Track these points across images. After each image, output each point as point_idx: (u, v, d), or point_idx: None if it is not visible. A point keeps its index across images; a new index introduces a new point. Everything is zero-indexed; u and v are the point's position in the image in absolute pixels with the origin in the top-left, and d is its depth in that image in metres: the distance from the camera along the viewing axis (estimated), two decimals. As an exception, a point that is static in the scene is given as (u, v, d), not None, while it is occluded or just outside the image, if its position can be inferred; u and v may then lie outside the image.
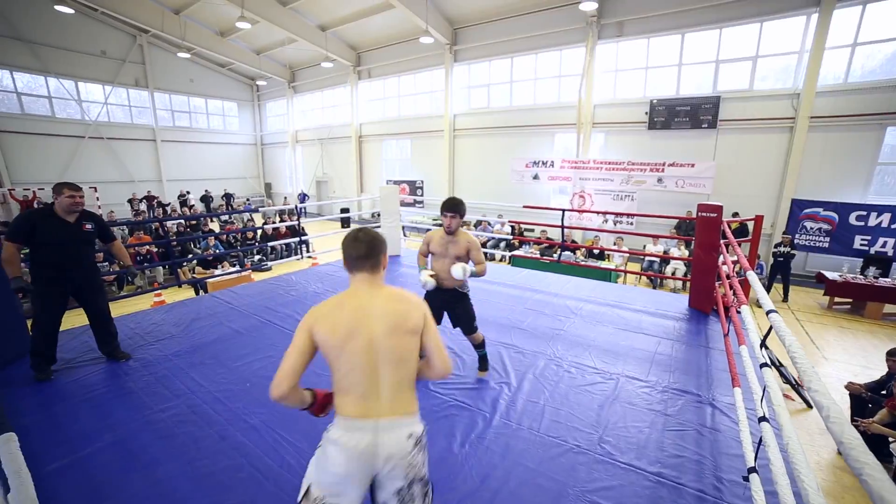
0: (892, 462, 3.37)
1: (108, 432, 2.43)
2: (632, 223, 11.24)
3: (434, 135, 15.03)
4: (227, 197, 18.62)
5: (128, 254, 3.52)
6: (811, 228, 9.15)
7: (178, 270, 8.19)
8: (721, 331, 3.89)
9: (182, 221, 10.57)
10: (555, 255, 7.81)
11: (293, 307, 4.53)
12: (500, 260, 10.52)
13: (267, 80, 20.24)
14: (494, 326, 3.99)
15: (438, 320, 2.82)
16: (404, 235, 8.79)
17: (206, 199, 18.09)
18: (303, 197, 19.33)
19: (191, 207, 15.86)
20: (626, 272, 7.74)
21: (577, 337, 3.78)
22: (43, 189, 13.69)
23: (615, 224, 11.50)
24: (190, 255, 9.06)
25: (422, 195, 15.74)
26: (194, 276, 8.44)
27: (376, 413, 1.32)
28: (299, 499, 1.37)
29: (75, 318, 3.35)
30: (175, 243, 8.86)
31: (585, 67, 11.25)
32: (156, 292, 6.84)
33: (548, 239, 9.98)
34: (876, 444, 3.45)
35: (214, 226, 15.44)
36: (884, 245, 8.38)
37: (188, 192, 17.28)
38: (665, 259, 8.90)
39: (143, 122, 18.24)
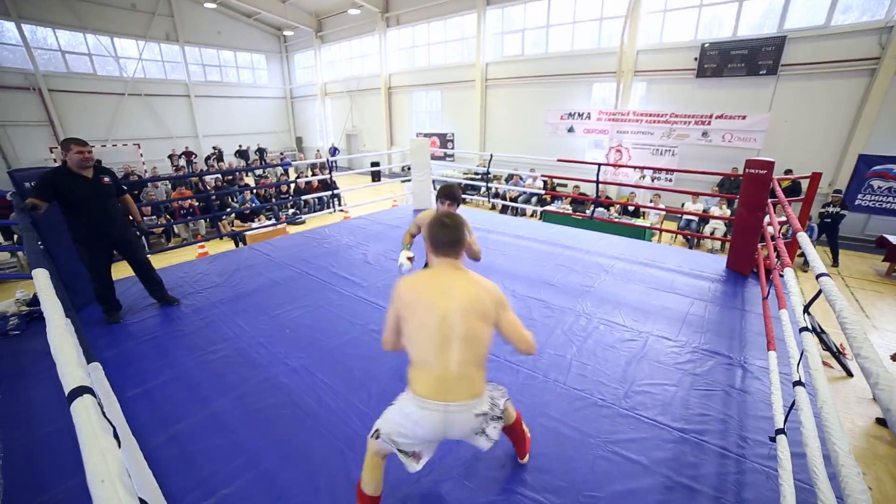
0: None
1: (168, 369, 2.69)
2: (671, 179, 10.67)
3: (465, 85, 14.43)
4: (261, 152, 18.90)
5: (137, 210, 3.54)
6: (879, 188, 8.39)
7: (219, 224, 8.58)
8: (760, 294, 3.76)
9: (219, 176, 10.90)
10: (588, 212, 7.59)
11: (326, 259, 4.69)
12: (532, 215, 10.34)
13: (294, 30, 19.73)
14: (524, 281, 4.01)
15: None
16: (434, 189, 8.73)
17: (241, 153, 18.45)
18: (333, 150, 19.34)
19: (221, 163, 16.29)
20: (661, 230, 7.46)
21: (608, 294, 3.75)
22: (94, 147, 14.32)
23: (653, 180, 10.95)
24: (228, 209, 9.42)
25: (452, 148, 15.43)
26: (233, 229, 8.82)
27: (444, 396, 1.39)
28: (369, 435, 1.54)
29: (129, 269, 3.59)
30: (214, 198, 9.21)
31: (630, 7, 10.26)
32: (199, 244, 7.22)
33: (581, 195, 9.67)
34: None
35: (250, 180, 15.86)
36: (959, 206, 7.62)
37: (217, 149, 17.63)
38: (704, 218, 8.48)
39: (177, 77, 18.38)
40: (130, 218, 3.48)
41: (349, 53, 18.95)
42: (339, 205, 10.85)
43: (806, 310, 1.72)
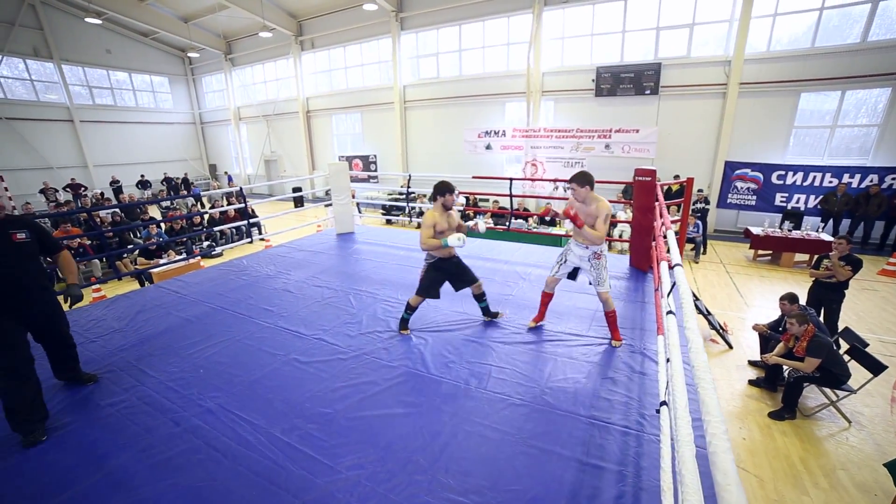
0: (783, 383, 3.98)
1: (51, 433, 2.37)
2: (582, 190, 11.67)
3: (385, 107, 14.65)
4: (168, 181, 17.36)
5: (76, 268, 2.83)
6: (741, 188, 9.95)
7: (117, 263, 7.71)
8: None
9: (116, 210, 9.83)
10: (506, 224, 8.05)
11: (244, 291, 4.45)
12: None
13: (200, 51, 18.62)
14: (447, 296, 4.13)
15: (445, 285, 3.50)
16: (359, 212, 8.69)
17: (143, 184, 16.78)
18: (229, 179, 18.79)
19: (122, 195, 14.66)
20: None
21: (525, 301, 4.01)
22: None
23: (565, 191, 11.89)
24: (130, 246, 8.52)
25: (376, 170, 15.47)
26: (136, 267, 7.97)
27: None
28: None
29: None
30: (111, 234, 8.28)
31: (533, 34, 11.26)
32: (94, 287, 6.43)
33: (501, 208, 10.21)
34: (774, 372, 4.08)
35: (156, 212, 14.47)
36: (797, 201, 9.31)
37: (115, 179, 15.90)
38: (612, 223, 9.38)
39: (54, 99, 16.10)
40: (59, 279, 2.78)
41: (263, 77, 18.32)
42: (260, 233, 10.34)
43: (667, 295, 2.02)
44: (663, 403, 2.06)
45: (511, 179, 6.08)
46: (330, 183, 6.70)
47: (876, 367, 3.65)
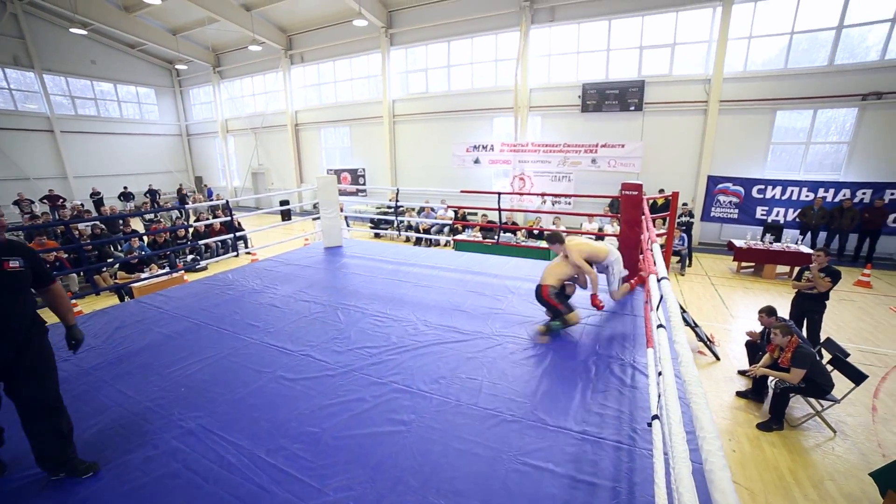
0: (768, 393, 4.07)
1: (15, 467, 2.24)
2: (569, 203, 11.84)
3: (373, 121, 14.73)
4: (153, 194, 17.05)
5: (70, 305, 2.35)
6: (724, 202, 10.20)
7: (96, 277, 7.49)
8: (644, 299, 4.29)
9: (97, 223, 9.59)
10: (495, 238, 8.09)
11: (229, 306, 4.35)
12: (444, 245, 10.67)
13: (188, 64, 18.56)
14: (436, 310, 4.11)
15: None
16: (347, 226, 8.65)
17: (125, 196, 16.44)
18: (209, 193, 18.63)
19: (103, 207, 14.32)
20: (563, 250, 8.17)
21: (514, 315, 4.00)
22: None
23: (553, 205, 12.04)
24: (110, 259, 8.29)
25: (364, 184, 15.46)
26: (116, 281, 7.75)
27: None
28: None
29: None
30: (90, 247, 8.06)
31: (520, 51, 11.51)
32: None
33: (489, 222, 10.26)
34: (762, 382, 4.15)
35: (139, 225, 14.16)
36: (777, 214, 9.58)
37: (96, 191, 15.51)
38: (599, 236, 9.51)
39: (33, 108, 15.70)
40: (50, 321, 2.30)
41: (252, 89, 18.30)
42: (246, 247, 10.19)
43: (656, 308, 2.03)
44: (655, 417, 2.05)
45: (499, 193, 6.13)
46: (318, 196, 6.66)
47: (858, 377, 3.72)
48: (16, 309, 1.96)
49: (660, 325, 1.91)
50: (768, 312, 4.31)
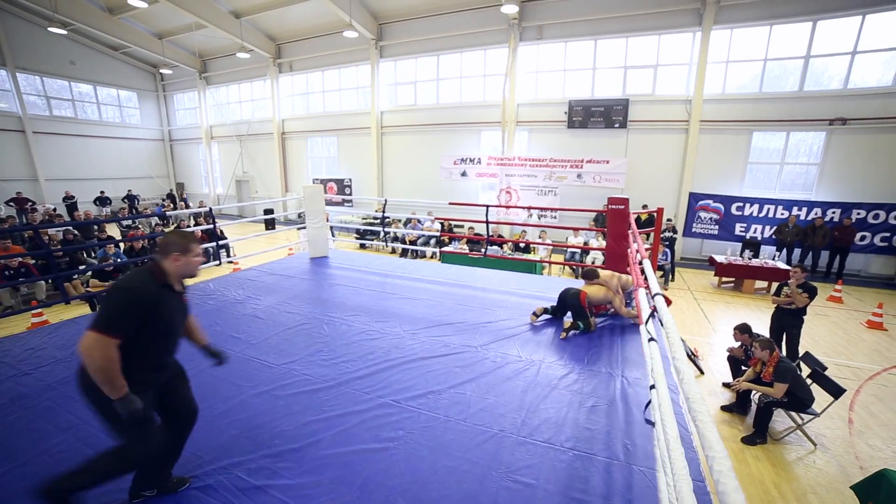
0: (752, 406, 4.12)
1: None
2: (555, 217, 11.97)
3: (361, 132, 14.71)
4: (131, 199, 16.57)
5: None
6: (704, 218, 10.48)
7: (66, 285, 7.15)
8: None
9: (69, 228, 9.23)
10: (482, 250, 8.09)
11: (210, 317, 4.20)
12: (431, 257, 10.63)
13: (173, 68, 18.25)
14: (423, 322, 4.05)
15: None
16: (332, 236, 8.54)
17: (102, 200, 15.92)
18: (185, 203, 18.35)
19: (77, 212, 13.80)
20: (550, 263, 8.23)
21: (502, 328, 3.97)
22: None
23: (539, 218, 12.16)
24: (82, 267, 7.95)
25: (350, 194, 15.36)
26: (88, 290, 7.42)
27: None
28: None
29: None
30: (61, 254, 7.71)
31: (509, 67, 11.72)
32: (34, 311, 5.91)
33: (476, 234, 10.28)
34: (745, 396, 4.21)
35: (116, 231, 13.68)
36: (755, 231, 9.89)
37: (73, 196, 14.94)
38: (585, 250, 9.63)
39: (3, 107, 14.99)
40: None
41: (238, 97, 18.10)
42: (228, 256, 9.94)
43: (646, 322, 2.02)
44: (650, 423, 2.03)
45: (487, 206, 6.14)
46: (304, 205, 6.57)
47: (836, 391, 3.80)
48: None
49: (651, 339, 1.91)
50: (742, 330, 4.39)
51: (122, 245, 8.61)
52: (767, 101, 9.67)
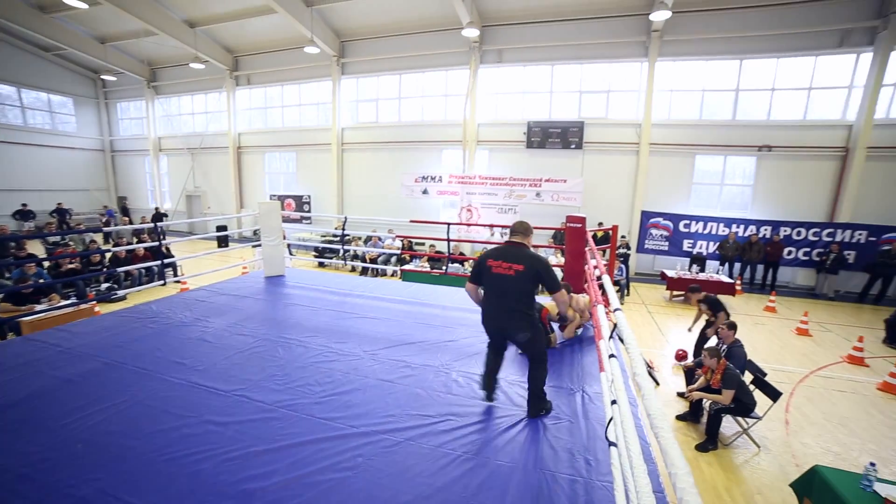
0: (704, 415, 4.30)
1: None
2: (516, 234, 12.20)
3: (321, 148, 14.48)
4: (61, 213, 15.22)
5: None
6: (655, 235, 11.08)
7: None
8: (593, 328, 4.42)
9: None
10: (443, 268, 8.08)
11: (150, 342, 3.85)
12: (392, 275, 10.50)
13: (117, 75, 17.23)
14: (384, 342, 3.94)
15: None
16: (290, 254, 8.24)
17: (23, 214, 14.47)
18: (109, 213, 17.21)
19: None
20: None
21: (464, 346, 3.93)
22: None
23: (501, 236, 12.37)
24: None
25: (309, 211, 14.98)
26: None
27: None
28: None
29: None
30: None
31: (470, 88, 12.03)
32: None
33: (437, 252, 10.29)
34: (697, 404, 4.42)
35: (39, 249, 12.46)
36: (701, 247, 10.60)
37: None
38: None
39: None
40: None
41: (191, 108, 17.33)
42: (175, 275, 9.33)
43: (610, 337, 2.06)
44: (612, 444, 2.04)
45: (448, 224, 6.17)
46: (259, 222, 6.29)
47: (774, 395, 4.08)
48: None
49: (611, 356, 1.94)
50: (711, 354, 4.53)
51: (45, 263, 7.82)
52: (707, 128, 10.55)
